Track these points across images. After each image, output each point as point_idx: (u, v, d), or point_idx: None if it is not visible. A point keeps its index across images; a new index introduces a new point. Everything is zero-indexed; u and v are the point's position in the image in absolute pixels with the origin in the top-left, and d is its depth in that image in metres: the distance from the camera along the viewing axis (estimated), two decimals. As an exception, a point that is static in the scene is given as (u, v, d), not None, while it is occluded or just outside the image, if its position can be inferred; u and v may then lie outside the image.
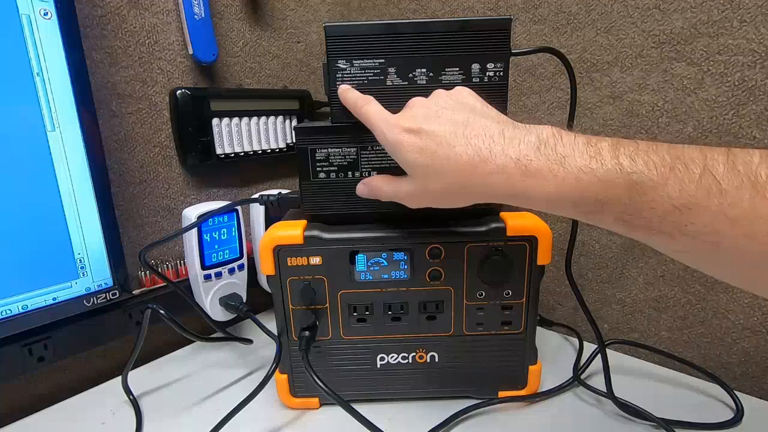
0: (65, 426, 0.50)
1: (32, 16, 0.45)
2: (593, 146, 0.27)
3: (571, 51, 0.58)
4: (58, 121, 0.47)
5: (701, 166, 0.24)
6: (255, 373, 0.57)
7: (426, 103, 0.36)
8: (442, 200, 0.34)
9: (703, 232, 0.24)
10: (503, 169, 0.29)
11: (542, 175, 0.28)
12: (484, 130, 0.31)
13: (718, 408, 0.49)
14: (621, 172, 0.26)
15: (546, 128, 0.30)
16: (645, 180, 0.25)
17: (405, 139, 0.33)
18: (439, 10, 0.70)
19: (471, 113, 0.33)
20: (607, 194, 0.26)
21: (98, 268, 0.52)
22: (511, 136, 0.30)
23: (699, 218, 0.24)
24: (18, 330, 0.48)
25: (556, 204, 0.29)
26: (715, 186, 0.23)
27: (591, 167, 0.27)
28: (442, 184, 0.32)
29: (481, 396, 0.50)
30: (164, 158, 0.62)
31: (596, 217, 0.28)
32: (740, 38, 0.47)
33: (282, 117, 0.72)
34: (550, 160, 0.28)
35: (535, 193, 0.29)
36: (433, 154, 0.32)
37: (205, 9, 0.60)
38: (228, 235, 0.60)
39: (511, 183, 0.29)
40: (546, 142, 0.29)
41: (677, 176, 0.24)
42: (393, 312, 0.48)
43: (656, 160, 0.25)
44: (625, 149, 0.26)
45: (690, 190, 0.24)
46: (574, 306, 0.65)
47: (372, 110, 0.37)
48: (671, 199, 0.24)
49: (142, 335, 0.50)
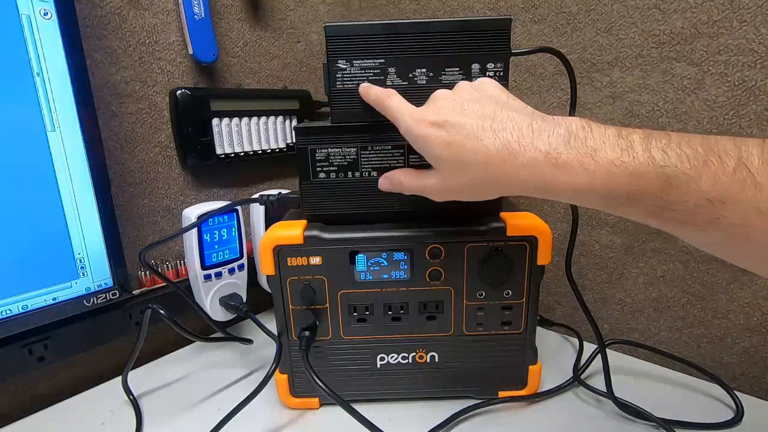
0: (65, 426, 0.50)
1: (32, 16, 0.45)
2: (624, 138, 0.27)
3: (571, 51, 0.58)
4: (58, 121, 0.47)
5: (735, 159, 0.23)
6: (255, 373, 0.57)
7: (451, 95, 0.35)
8: (469, 193, 0.34)
9: (734, 225, 0.24)
10: (533, 162, 0.29)
11: (572, 168, 0.27)
12: (512, 122, 0.30)
13: (718, 408, 0.49)
14: (654, 165, 0.25)
15: (575, 120, 0.29)
16: (678, 174, 0.24)
17: (432, 132, 0.33)
18: (439, 10, 0.70)
19: (497, 105, 0.32)
20: (639, 188, 0.26)
21: (98, 268, 0.52)
22: (540, 128, 0.29)
23: (731, 211, 0.23)
24: (18, 330, 0.48)
25: (586, 197, 0.28)
26: (750, 179, 0.23)
27: (623, 160, 0.26)
28: (469, 178, 0.32)
29: (481, 396, 0.50)
30: (164, 158, 0.62)
31: (626, 210, 0.27)
32: (740, 38, 0.47)
33: (282, 117, 0.72)
34: (581, 153, 0.27)
35: (564, 187, 0.28)
36: (460, 147, 0.31)
37: (205, 9, 0.60)
38: (228, 235, 0.60)
39: (540, 176, 0.29)
40: (576, 135, 0.28)
41: (711, 169, 0.24)
42: (393, 312, 0.48)
43: (689, 153, 0.24)
44: (657, 142, 0.26)
45: (724, 184, 0.23)
46: (574, 306, 0.65)
47: (395, 104, 0.37)
48: (704, 192, 0.24)
49: (142, 335, 0.50)
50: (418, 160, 0.46)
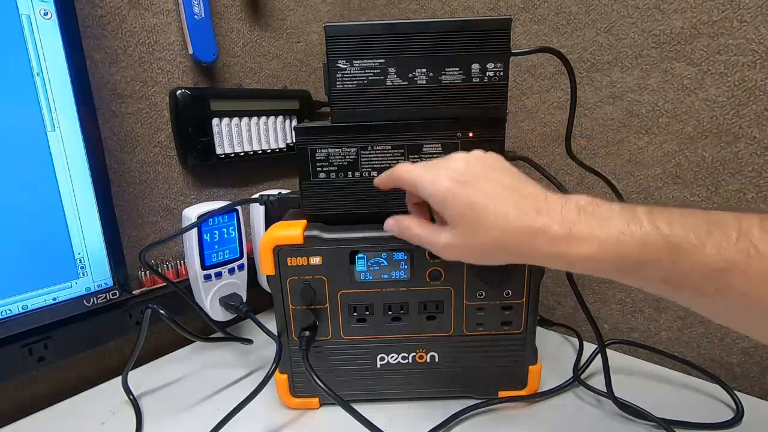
0: (65, 426, 0.50)
1: (32, 16, 0.45)
2: (629, 211, 0.28)
3: (571, 51, 0.58)
4: (58, 121, 0.47)
5: (737, 230, 0.24)
6: (255, 373, 0.57)
7: (468, 158, 0.35)
8: (480, 256, 0.34)
9: (745, 295, 0.24)
10: (548, 231, 0.30)
11: (584, 237, 0.29)
12: (530, 194, 0.32)
13: (718, 408, 0.49)
14: (660, 234, 0.26)
15: (582, 196, 0.31)
16: (683, 242, 0.26)
17: (457, 189, 0.33)
18: (439, 10, 0.70)
19: (513, 177, 0.34)
20: (647, 255, 0.27)
21: (98, 268, 0.52)
22: (554, 201, 0.31)
23: (738, 280, 0.24)
24: (18, 330, 0.48)
25: (598, 266, 0.29)
26: (753, 249, 0.24)
27: (630, 230, 0.27)
28: (484, 240, 0.32)
29: (481, 396, 0.50)
30: (164, 158, 0.62)
31: (638, 277, 0.28)
32: (740, 38, 0.47)
33: (282, 117, 0.72)
34: (591, 224, 0.29)
35: (577, 255, 0.29)
36: (483, 209, 0.32)
37: (205, 9, 0.60)
38: (228, 235, 0.60)
39: (554, 245, 0.30)
40: (584, 209, 0.30)
41: (715, 240, 0.25)
42: (393, 312, 0.48)
43: (693, 224, 0.26)
44: (660, 214, 0.27)
45: (728, 253, 0.24)
46: (574, 306, 0.65)
47: (406, 168, 0.37)
48: (711, 261, 0.25)
49: (142, 335, 0.50)
50: (418, 161, 0.46)
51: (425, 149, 0.45)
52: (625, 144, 0.57)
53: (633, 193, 0.57)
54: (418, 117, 0.44)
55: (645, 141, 0.55)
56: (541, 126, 0.63)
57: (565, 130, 0.52)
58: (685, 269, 0.26)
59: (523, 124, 0.65)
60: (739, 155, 0.49)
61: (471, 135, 0.45)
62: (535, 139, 0.64)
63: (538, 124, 0.63)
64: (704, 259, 0.25)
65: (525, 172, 0.35)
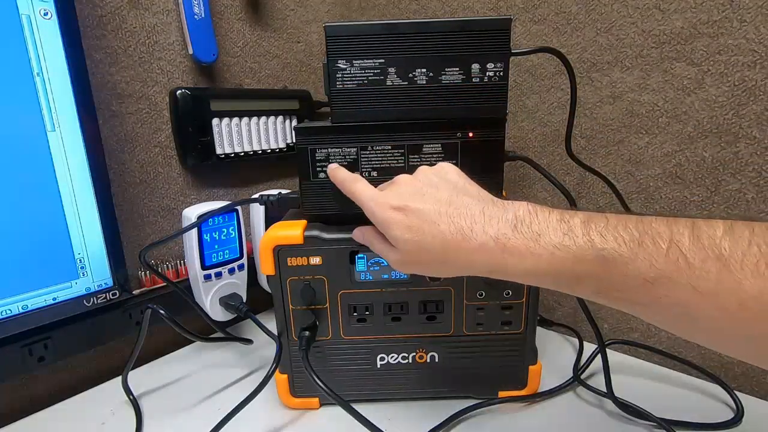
0: (65, 426, 0.50)
1: (32, 16, 0.45)
2: (566, 223, 0.29)
3: (571, 51, 0.58)
4: (58, 121, 0.47)
5: (668, 240, 0.25)
6: (255, 373, 0.57)
7: (411, 180, 0.37)
8: (426, 271, 0.36)
9: (676, 304, 0.25)
10: (484, 247, 0.31)
11: (520, 252, 0.29)
12: (466, 208, 0.33)
13: (718, 408, 0.49)
14: (593, 248, 0.27)
15: (522, 205, 0.31)
16: (615, 256, 0.26)
17: (393, 216, 0.34)
18: (439, 10, 0.70)
19: (454, 191, 0.35)
20: (581, 269, 0.27)
21: (98, 268, 0.52)
22: (491, 214, 0.32)
23: (671, 291, 0.24)
24: (18, 330, 0.48)
25: (535, 278, 0.30)
26: (683, 260, 0.24)
27: (564, 244, 0.28)
28: (426, 259, 0.34)
29: (481, 396, 0.50)
30: (164, 158, 0.62)
31: (574, 289, 0.29)
32: (740, 38, 0.47)
33: (282, 117, 0.72)
34: (527, 238, 0.29)
35: (514, 269, 0.30)
36: (419, 231, 0.33)
37: (205, 9, 0.60)
38: (228, 235, 0.60)
39: (492, 259, 0.31)
40: (522, 220, 0.30)
41: (646, 251, 0.25)
42: (393, 312, 0.48)
43: (625, 236, 0.26)
44: (596, 225, 0.28)
45: (659, 264, 0.25)
46: (574, 306, 0.65)
47: (360, 189, 0.39)
48: (642, 273, 0.25)
49: (142, 335, 0.50)
50: (418, 161, 0.46)
51: (425, 149, 0.45)
52: (625, 144, 0.57)
53: (633, 193, 0.57)
54: (418, 117, 0.44)
55: (645, 141, 0.55)
56: (541, 126, 0.63)
57: (565, 130, 0.52)
58: (617, 282, 0.26)
59: (523, 124, 0.65)
60: (739, 155, 0.49)
61: (471, 135, 0.45)
62: (535, 139, 0.64)
63: (538, 124, 0.63)
64: (635, 272, 0.25)
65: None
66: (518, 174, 0.66)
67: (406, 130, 0.45)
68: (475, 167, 0.43)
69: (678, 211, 0.54)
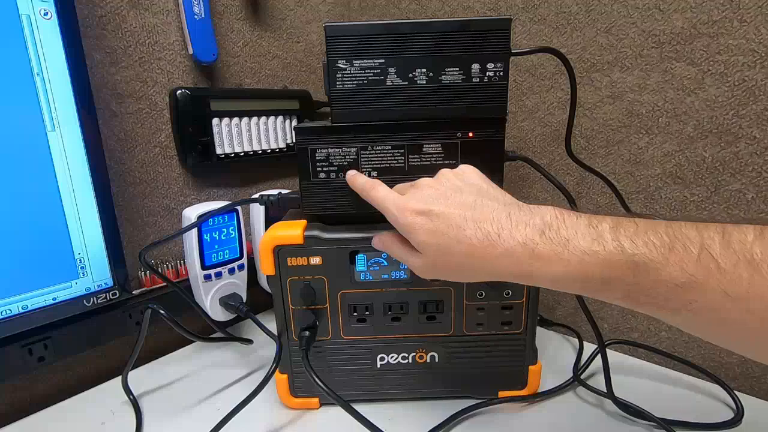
0: (65, 426, 0.50)
1: (32, 16, 0.45)
2: (595, 228, 0.28)
3: (571, 51, 0.58)
4: (58, 121, 0.47)
5: (699, 245, 0.25)
6: (255, 373, 0.57)
7: (434, 183, 0.36)
8: (450, 276, 0.35)
9: (707, 309, 0.24)
10: (511, 253, 0.30)
11: (548, 257, 0.29)
12: (492, 213, 0.32)
13: (718, 408, 0.49)
14: (623, 253, 0.27)
15: (549, 210, 0.31)
16: (647, 261, 0.26)
17: (417, 221, 0.34)
18: (439, 10, 0.70)
19: (479, 195, 0.34)
20: (611, 274, 0.27)
21: (98, 268, 0.52)
22: (518, 219, 0.31)
23: (702, 296, 0.24)
24: (18, 330, 0.48)
25: (563, 283, 0.29)
26: (714, 265, 0.24)
27: (594, 249, 0.28)
28: (451, 264, 0.33)
29: (481, 396, 0.50)
30: (164, 158, 0.62)
31: (602, 294, 0.29)
32: (740, 38, 0.47)
33: (282, 117, 0.72)
34: (555, 244, 0.29)
35: (542, 275, 0.30)
36: (443, 235, 0.32)
37: (205, 9, 0.60)
38: (228, 235, 0.60)
39: (519, 265, 0.30)
40: (550, 226, 0.30)
41: (677, 256, 0.25)
42: (393, 312, 0.48)
43: (656, 241, 0.26)
44: (626, 230, 0.27)
45: (690, 270, 0.24)
46: (574, 306, 0.65)
47: (381, 194, 0.38)
48: (673, 279, 0.25)
49: (142, 335, 0.50)
50: (418, 161, 0.46)
51: (425, 149, 0.45)
52: (625, 144, 0.57)
53: (633, 193, 0.57)
54: (418, 117, 0.44)
55: (645, 141, 0.55)
56: (541, 126, 0.63)
57: (565, 130, 0.52)
58: (647, 287, 0.26)
59: (523, 124, 0.65)
60: (739, 155, 0.49)
61: (471, 135, 0.45)
62: (535, 139, 0.64)
63: (538, 124, 0.63)
64: (666, 277, 0.25)
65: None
66: (518, 174, 0.66)
67: (406, 130, 0.45)
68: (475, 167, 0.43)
69: (678, 211, 0.54)
